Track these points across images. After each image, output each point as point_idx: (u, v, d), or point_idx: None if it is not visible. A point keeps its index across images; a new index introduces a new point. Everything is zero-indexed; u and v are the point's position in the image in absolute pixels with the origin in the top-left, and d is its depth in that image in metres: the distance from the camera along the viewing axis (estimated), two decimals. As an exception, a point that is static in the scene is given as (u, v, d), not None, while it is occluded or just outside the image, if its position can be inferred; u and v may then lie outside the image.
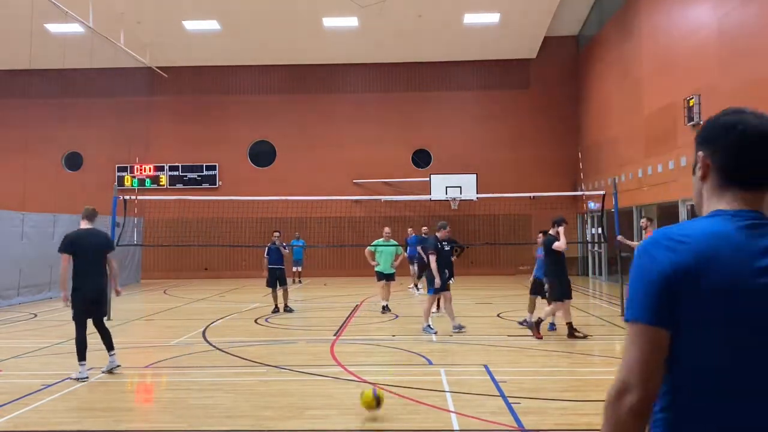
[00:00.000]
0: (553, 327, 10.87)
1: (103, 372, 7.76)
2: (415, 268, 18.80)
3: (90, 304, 7.77)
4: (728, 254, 1.45)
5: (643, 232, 13.00)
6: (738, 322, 1.43)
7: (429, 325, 10.87)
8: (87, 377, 7.52)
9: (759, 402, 1.42)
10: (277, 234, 14.34)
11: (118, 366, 7.93)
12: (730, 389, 1.43)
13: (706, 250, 1.46)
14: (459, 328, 10.76)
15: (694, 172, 1.69)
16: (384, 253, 13.53)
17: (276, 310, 14.01)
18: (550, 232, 10.43)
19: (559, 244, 10.01)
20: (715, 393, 1.44)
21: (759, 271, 1.44)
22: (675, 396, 1.48)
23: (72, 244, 7.75)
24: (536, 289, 11.17)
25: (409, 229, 19.41)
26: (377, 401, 5.88)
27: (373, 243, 13.87)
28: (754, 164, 1.55)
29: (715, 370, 1.44)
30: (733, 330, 1.43)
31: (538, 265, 11.21)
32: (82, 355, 7.58)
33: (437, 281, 10.57)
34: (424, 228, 14.13)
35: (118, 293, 8.25)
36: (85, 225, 7.99)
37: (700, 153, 1.64)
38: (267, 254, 14.06)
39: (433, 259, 10.76)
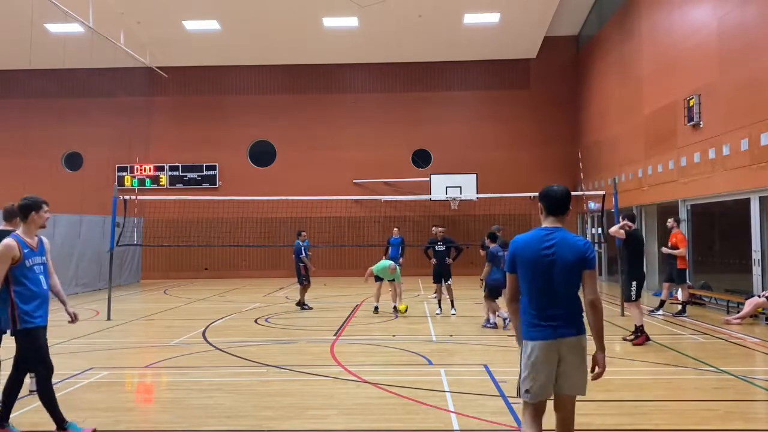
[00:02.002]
0: (491, 324, 11.36)
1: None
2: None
3: None
4: (531, 244, 3.96)
5: (671, 230, 13.02)
6: (528, 268, 3.93)
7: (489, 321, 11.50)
8: None
9: (534, 296, 3.94)
10: (305, 234, 15.09)
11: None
12: (527, 290, 3.97)
13: (524, 243, 3.98)
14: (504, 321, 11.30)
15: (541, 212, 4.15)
16: (379, 268, 13.67)
17: (305, 306, 14.40)
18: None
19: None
20: (527, 294, 3.98)
21: (541, 250, 3.92)
22: (524, 296, 4.02)
23: None
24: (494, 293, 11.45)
25: (395, 230, 19.28)
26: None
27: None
28: (556, 206, 4.03)
29: (526, 287, 3.98)
30: (529, 272, 3.94)
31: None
32: None
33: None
34: (435, 229, 14.16)
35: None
36: (3, 227, 6.44)
37: (540, 203, 4.09)
38: (302, 253, 14.48)
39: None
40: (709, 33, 14.18)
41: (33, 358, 5.49)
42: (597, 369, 3.99)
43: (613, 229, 10.71)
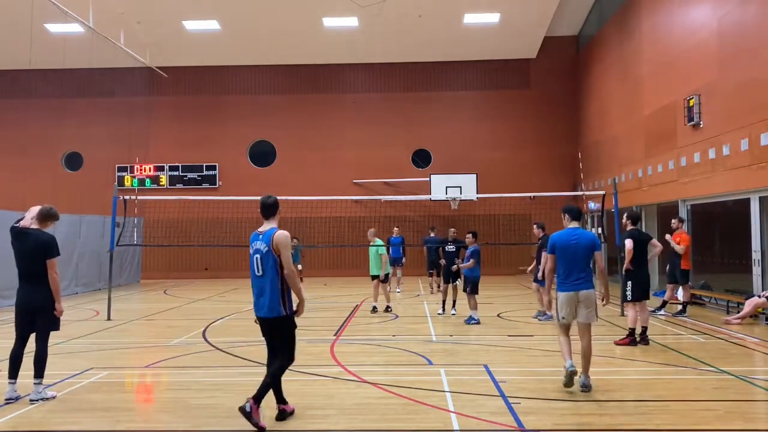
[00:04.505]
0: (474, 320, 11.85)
1: (31, 401, 6.52)
2: (399, 271, 18.52)
3: (19, 316, 6.73)
4: (563, 237, 7.06)
5: (676, 230, 13.01)
6: (563, 251, 7.00)
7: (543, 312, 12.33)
8: (45, 397, 6.61)
9: (565, 267, 7.00)
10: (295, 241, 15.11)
11: (49, 398, 6.63)
12: (561, 264, 7.03)
13: (560, 237, 7.09)
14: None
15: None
16: (370, 255, 13.72)
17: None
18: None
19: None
20: (561, 266, 7.03)
21: (571, 240, 6.98)
22: (559, 267, 7.08)
23: (12, 246, 6.84)
24: (471, 288, 12.17)
25: (395, 229, 19.18)
26: None
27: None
28: (576, 215, 7.34)
29: (560, 262, 7.03)
30: (562, 253, 7.01)
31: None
32: (11, 372, 6.60)
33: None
34: (452, 229, 14.37)
35: (58, 312, 6.72)
36: (33, 225, 7.01)
37: (565, 214, 7.29)
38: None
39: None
40: (709, 33, 14.18)
41: (293, 342, 5.92)
42: (604, 300, 7.22)
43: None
